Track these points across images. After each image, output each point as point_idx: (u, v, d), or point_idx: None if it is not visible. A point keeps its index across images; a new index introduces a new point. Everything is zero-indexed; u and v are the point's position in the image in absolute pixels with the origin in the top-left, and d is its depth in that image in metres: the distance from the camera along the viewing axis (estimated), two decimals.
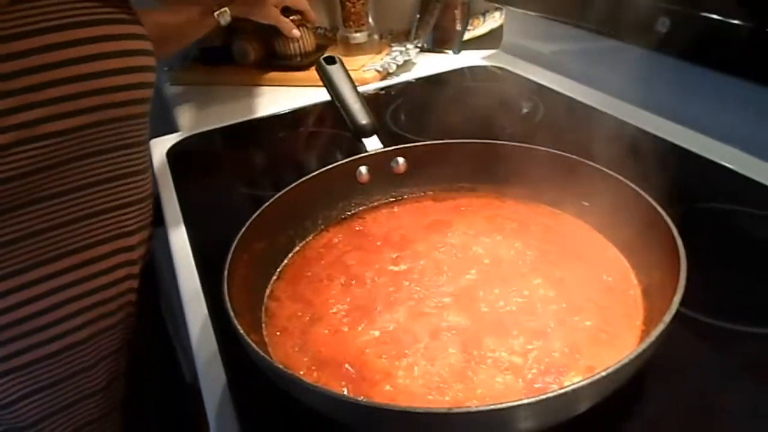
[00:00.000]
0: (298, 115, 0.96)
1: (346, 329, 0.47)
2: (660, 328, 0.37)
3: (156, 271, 0.78)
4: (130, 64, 0.59)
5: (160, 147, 0.87)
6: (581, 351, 0.43)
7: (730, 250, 0.56)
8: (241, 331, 0.40)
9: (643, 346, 0.36)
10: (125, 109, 0.60)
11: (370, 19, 1.15)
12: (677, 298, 0.39)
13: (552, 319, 0.46)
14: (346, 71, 0.67)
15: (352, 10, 1.13)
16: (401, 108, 0.94)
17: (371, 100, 0.96)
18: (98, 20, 0.57)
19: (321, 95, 0.70)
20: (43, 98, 0.53)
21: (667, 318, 0.37)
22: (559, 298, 0.48)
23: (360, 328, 0.46)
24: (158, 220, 0.73)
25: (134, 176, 0.65)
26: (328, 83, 0.66)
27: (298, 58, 1.09)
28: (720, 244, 0.57)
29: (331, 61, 0.67)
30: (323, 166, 0.59)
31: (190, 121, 0.97)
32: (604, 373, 0.34)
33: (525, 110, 0.87)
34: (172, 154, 0.85)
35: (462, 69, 1.07)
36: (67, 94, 0.55)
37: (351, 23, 1.14)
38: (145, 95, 0.62)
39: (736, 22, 0.65)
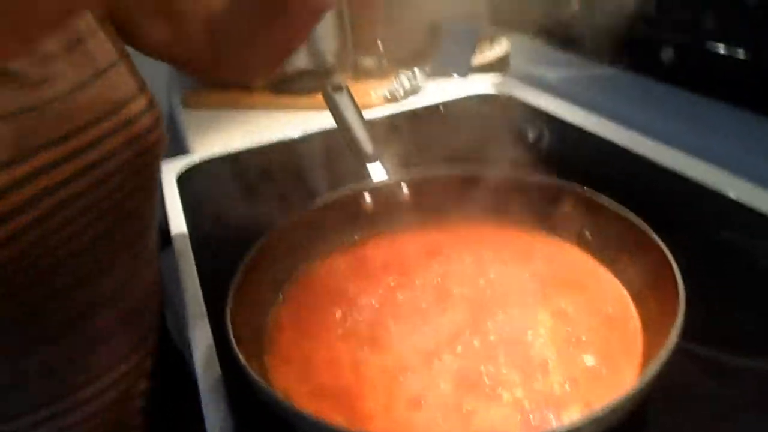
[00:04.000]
0: (307, 140, 0.97)
1: (346, 359, 0.47)
2: (657, 365, 0.37)
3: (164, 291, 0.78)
4: None
5: (171, 170, 0.88)
6: (581, 386, 0.43)
7: (731, 281, 0.56)
8: (243, 361, 0.41)
9: (641, 384, 0.36)
10: None
11: (380, 45, 1.16)
12: (674, 333, 0.39)
13: (553, 353, 0.46)
14: (352, 99, 0.67)
15: (364, 35, 1.15)
16: (407, 135, 0.94)
17: (378, 126, 0.97)
18: None
19: (332, 120, 0.71)
20: None
21: (664, 354, 0.37)
22: (560, 330, 0.48)
23: (360, 359, 0.47)
24: (167, 243, 0.74)
25: None
26: (334, 110, 0.67)
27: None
28: (720, 274, 0.56)
29: (337, 87, 0.68)
30: (330, 191, 0.60)
31: (200, 144, 0.99)
32: (600, 413, 0.34)
33: (531, 138, 0.88)
34: (183, 179, 0.86)
35: (469, 95, 1.08)
36: None
37: (362, 48, 1.15)
38: None
39: (740, 51, 0.65)
